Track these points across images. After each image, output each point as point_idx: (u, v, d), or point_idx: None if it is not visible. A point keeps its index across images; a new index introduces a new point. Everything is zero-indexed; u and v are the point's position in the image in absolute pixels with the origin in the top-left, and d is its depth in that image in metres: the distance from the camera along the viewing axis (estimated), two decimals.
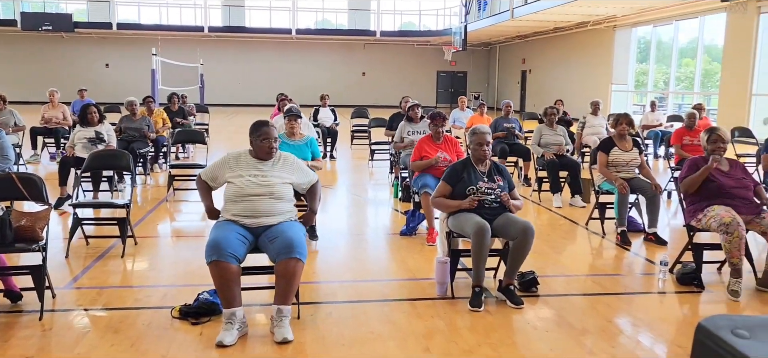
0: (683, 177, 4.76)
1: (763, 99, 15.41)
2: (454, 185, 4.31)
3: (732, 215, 4.28)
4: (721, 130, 4.76)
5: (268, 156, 3.85)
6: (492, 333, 3.63)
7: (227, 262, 3.40)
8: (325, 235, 5.78)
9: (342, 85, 30.77)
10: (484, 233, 3.98)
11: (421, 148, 5.86)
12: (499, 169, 4.44)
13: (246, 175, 3.76)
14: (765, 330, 0.87)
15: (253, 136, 3.86)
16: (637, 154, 6.09)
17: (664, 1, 16.37)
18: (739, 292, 4.26)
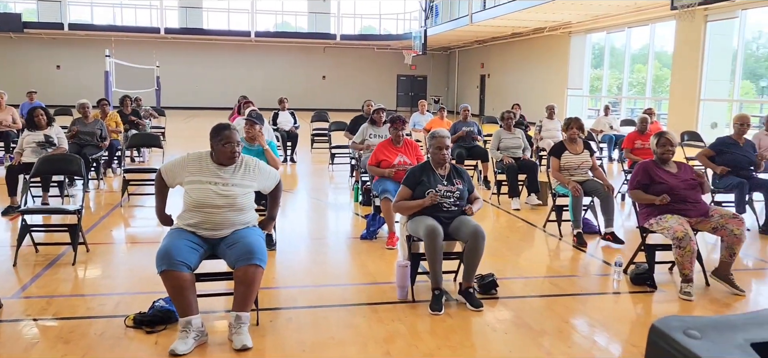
0: (633, 183, 4.86)
1: (710, 104, 15.96)
2: (414, 188, 4.32)
3: (684, 228, 4.39)
4: (670, 133, 4.90)
5: (230, 161, 3.68)
6: (452, 336, 3.65)
7: (178, 271, 3.31)
8: (285, 239, 5.72)
9: (302, 88, 30.61)
10: (435, 235, 3.99)
11: (380, 151, 5.87)
12: (458, 173, 4.47)
13: (207, 184, 3.60)
14: (716, 330, 0.89)
15: (215, 140, 3.66)
16: (588, 157, 6.22)
17: (617, 9, 16.82)
18: (691, 293, 4.39)
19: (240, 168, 3.74)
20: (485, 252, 4.16)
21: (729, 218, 4.54)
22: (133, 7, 29.40)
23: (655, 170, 4.79)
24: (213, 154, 3.71)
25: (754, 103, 17.27)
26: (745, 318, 0.94)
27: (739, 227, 4.48)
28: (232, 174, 3.69)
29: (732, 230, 4.47)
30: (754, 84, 18.45)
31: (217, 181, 3.63)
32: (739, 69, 15.37)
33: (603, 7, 16.58)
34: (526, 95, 22.92)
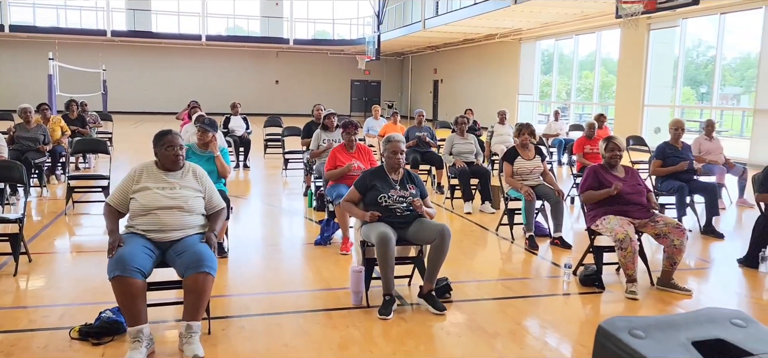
0: (584, 186, 4.99)
1: (654, 110, 16.53)
2: (365, 192, 4.33)
3: (625, 230, 4.53)
4: (617, 138, 5.05)
5: (174, 165, 3.69)
6: (407, 340, 3.66)
7: (132, 277, 3.22)
8: (238, 247, 5.64)
9: (254, 93, 30.30)
10: (387, 242, 3.99)
11: (335, 157, 5.86)
12: (411, 178, 4.48)
13: (153, 189, 3.58)
14: (659, 330, 0.92)
15: (157, 145, 3.70)
16: (539, 162, 6.35)
17: (565, 17, 17.26)
18: (636, 292, 4.52)
19: (187, 173, 3.76)
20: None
21: (672, 227, 4.67)
22: (78, 9, 28.53)
23: (603, 174, 4.92)
24: (158, 162, 3.73)
25: (695, 108, 17.97)
26: (686, 318, 0.97)
27: (680, 237, 4.62)
28: (179, 178, 3.70)
29: (673, 241, 4.62)
30: (694, 90, 19.20)
31: (164, 186, 3.62)
32: (681, 76, 15.97)
33: (551, 14, 16.98)
34: (478, 100, 23.26)
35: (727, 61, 16.52)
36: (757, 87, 13.35)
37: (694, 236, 6.60)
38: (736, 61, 17.19)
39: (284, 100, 30.98)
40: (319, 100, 11.51)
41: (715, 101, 15.49)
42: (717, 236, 6.56)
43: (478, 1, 18.03)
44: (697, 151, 8.04)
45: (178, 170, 3.72)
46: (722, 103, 17.26)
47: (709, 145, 8.20)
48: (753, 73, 14.04)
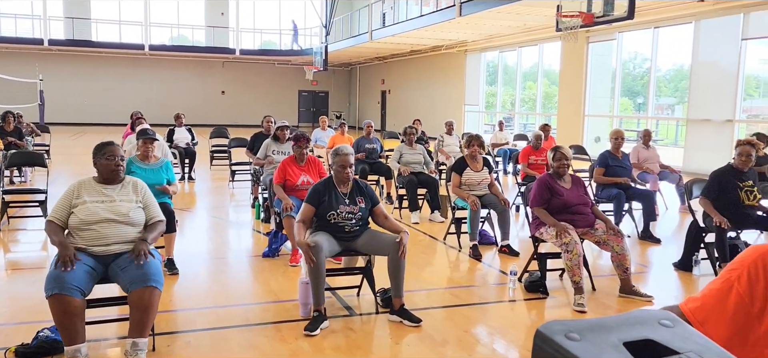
0: (536, 199, 4.99)
1: (594, 119, 17.10)
2: (318, 206, 4.29)
3: (570, 234, 4.67)
4: (565, 148, 5.16)
5: (114, 176, 3.64)
6: (356, 351, 3.67)
7: (70, 295, 3.12)
8: (184, 260, 5.52)
9: (200, 103, 29.78)
10: (317, 252, 3.94)
11: (285, 169, 5.80)
12: (361, 189, 4.46)
13: (93, 203, 3.50)
14: (593, 332, 0.97)
15: (98, 156, 3.66)
16: (487, 174, 6.46)
17: (508, 30, 17.68)
18: (584, 305, 4.57)
19: (127, 185, 3.70)
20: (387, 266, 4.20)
21: (611, 234, 4.86)
22: (13, 17, 27.43)
23: (552, 184, 5.01)
24: (97, 176, 3.68)
25: (632, 118, 18.68)
26: (619, 320, 1.02)
27: (619, 243, 4.80)
28: (118, 191, 3.65)
29: (613, 247, 4.80)
30: (631, 101, 19.97)
31: (103, 199, 3.56)
32: (618, 87, 16.59)
33: (495, 27, 17.37)
34: (425, 111, 23.52)
35: (661, 72, 17.26)
36: (689, 98, 14.00)
37: (632, 241, 6.85)
38: (670, 72, 17.99)
39: (231, 111, 30.55)
40: (266, 111, 11.42)
41: (650, 111, 16.14)
42: (654, 241, 6.83)
43: (424, 13, 18.28)
44: (636, 159, 8.38)
45: (117, 183, 3.66)
46: (658, 113, 18.01)
47: (646, 153, 8.57)
48: (685, 84, 14.71)
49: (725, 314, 1.72)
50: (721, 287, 1.77)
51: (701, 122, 13.54)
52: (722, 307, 1.74)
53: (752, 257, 1.76)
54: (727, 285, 1.75)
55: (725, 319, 1.71)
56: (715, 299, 1.76)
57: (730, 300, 1.73)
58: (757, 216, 5.49)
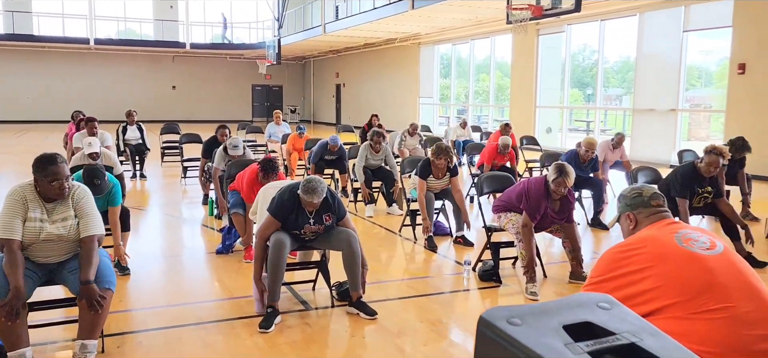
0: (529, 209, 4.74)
1: (545, 111, 17.45)
2: (284, 220, 4.07)
3: (526, 221, 4.77)
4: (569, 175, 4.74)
5: (57, 197, 3.31)
6: (312, 345, 3.67)
7: None
8: (136, 260, 5.39)
9: (150, 99, 29.08)
10: (281, 247, 3.90)
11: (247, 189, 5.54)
12: (328, 206, 4.15)
13: (36, 222, 3.25)
14: (534, 316, 1.00)
15: (39, 175, 3.25)
16: (448, 180, 6.31)
17: (461, 22, 17.84)
18: (537, 293, 4.66)
19: (72, 196, 3.39)
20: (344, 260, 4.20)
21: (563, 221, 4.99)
22: None
23: (544, 204, 4.78)
24: (37, 187, 3.31)
25: (581, 109, 19.11)
26: (559, 304, 1.06)
27: (572, 229, 4.95)
28: (61, 206, 3.35)
29: (566, 233, 4.93)
30: (581, 92, 20.44)
31: (45, 218, 3.29)
32: (568, 78, 16.96)
33: (448, 20, 17.50)
34: (380, 104, 23.55)
35: (609, 64, 17.71)
36: (635, 88, 14.43)
37: (582, 228, 7.02)
38: (617, 64, 18.46)
39: (182, 106, 29.93)
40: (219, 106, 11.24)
41: (599, 102, 16.57)
42: (603, 228, 7.02)
43: (377, 6, 18.29)
44: (603, 157, 8.50)
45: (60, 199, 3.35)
46: (606, 104, 18.48)
47: (612, 155, 8.70)
48: (632, 75, 15.14)
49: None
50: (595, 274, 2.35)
51: (646, 112, 13.98)
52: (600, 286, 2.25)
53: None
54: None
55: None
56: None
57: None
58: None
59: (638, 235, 2.33)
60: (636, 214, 2.44)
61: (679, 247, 2.15)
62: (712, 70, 15.69)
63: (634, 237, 2.32)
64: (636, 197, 2.46)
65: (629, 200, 2.47)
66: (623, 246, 2.27)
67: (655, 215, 2.41)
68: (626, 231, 2.49)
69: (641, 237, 2.28)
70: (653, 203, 2.42)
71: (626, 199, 2.49)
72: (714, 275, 2.06)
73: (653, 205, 2.42)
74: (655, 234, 2.26)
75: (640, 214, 2.43)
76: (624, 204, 2.50)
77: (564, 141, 16.88)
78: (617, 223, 2.58)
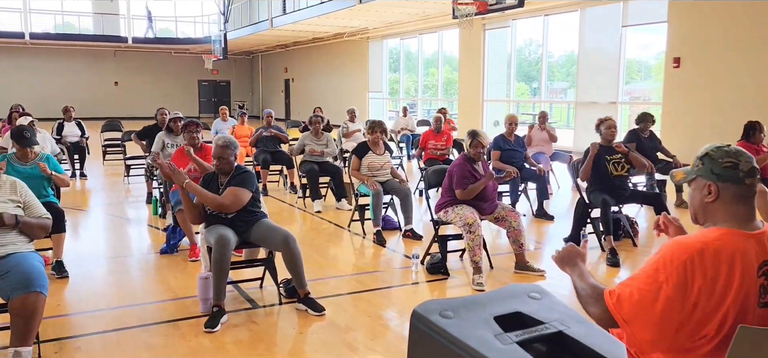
0: (460, 182, 4.99)
1: (492, 104, 17.72)
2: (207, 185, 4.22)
3: (474, 216, 4.84)
4: (483, 135, 5.11)
5: None
6: (259, 344, 3.63)
7: None
8: (76, 262, 5.22)
9: (90, 96, 28.13)
10: (226, 245, 3.87)
11: (175, 161, 5.59)
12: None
13: None
14: (466, 308, 1.02)
15: None
16: (389, 158, 6.59)
17: (408, 17, 17.93)
18: (483, 284, 4.74)
19: (4, 185, 3.43)
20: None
21: (508, 211, 5.10)
22: None
23: (471, 169, 5.06)
24: None
25: (528, 102, 19.50)
26: (491, 296, 1.08)
27: (516, 219, 5.04)
28: None
29: (510, 223, 5.02)
30: (527, 85, 20.86)
31: None
32: (514, 72, 17.27)
33: (396, 14, 17.55)
34: (330, 98, 23.47)
35: (554, 58, 18.13)
36: (577, 82, 14.81)
37: (528, 219, 7.18)
38: (562, 58, 18.92)
39: (125, 102, 29.05)
40: (164, 102, 10.99)
41: (544, 95, 16.94)
42: (548, 218, 7.19)
43: (325, 0, 18.17)
44: (529, 134, 8.83)
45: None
46: (551, 97, 18.92)
47: (538, 134, 9.02)
48: (575, 69, 15.54)
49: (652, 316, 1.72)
50: (649, 288, 1.73)
51: (588, 105, 14.36)
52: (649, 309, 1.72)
53: (681, 258, 1.73)
54: (656, 286, 1.72)
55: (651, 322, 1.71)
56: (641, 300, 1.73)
57: (658, 304, 1.72)
58: (632, 190, 6.01)
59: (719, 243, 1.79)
60: (722, 188, 1.86)
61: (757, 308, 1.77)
62: (650, 64, 16.25)
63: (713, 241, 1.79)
64: (729, 167, 1.86)
65: (720, 169, 1.87)
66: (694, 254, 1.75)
67: (744, 199, 1.86)
68: (698, 203, 1.94)
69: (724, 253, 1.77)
70: (747, 182, 1.86)
71: (715, 163, 1.88)
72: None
73: (747, 184, 1.86)
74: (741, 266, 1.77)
75: (726, 190, 1.86)
76: (709, 169, 1.89)
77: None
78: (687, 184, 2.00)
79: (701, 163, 1.92)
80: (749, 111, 10.92)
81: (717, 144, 1.92)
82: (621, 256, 5.42)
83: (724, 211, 1.86)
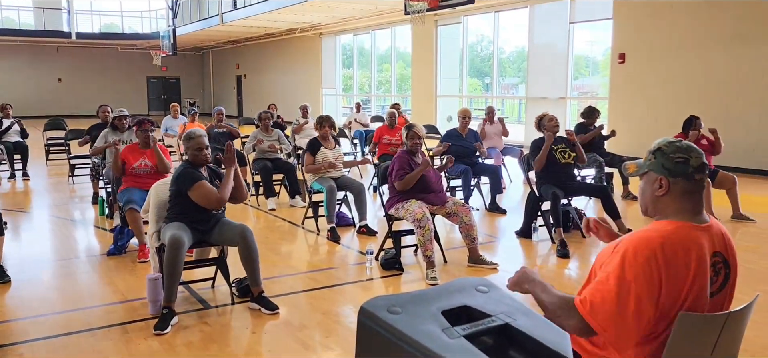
0: (399, 173, 5.09)
1: (445, 100, 17.88)
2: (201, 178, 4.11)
3: (423, 211, 4.87)
4: (418, 126, 5.34)
5: None
6: (210, 345, 3.57)
7: None
8: (18, 266, 5.03)
9: (32, 93, 27.14)
10: (179, 246, 3.80)
11: (124, 155, 5.51)
12: (217, 174, 4.33)
13: None
14: (414, 304, 1.02)
15: None
16: (341, 151, 6.60)
17: (361, 12, 17.90)
18: (437, 278, 4.76)
19: None
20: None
21: (460, 206, 5.16)
22: None
23: (410, 160, 5.18)
24: None
25: (480, 97, 19.77)
26: (439, 290, 1.09)
27: (467, 214, 5.10)
28: None
29: (462, 218, 5.08)
30: (480, 81, 21.13)
31: None
32: (466, 68, 17.46)
33: (348, 10, 17.50)
34: (283, 95, 23.24)
35: (505, 54, 18.42)
36: (528, 78, 15.08)
37: (481, 213, 7.28)
38: (512, 54, 19.23)
39: (70, 100, 28.12)
40: (111, 100, 10.69)
41: (495, 91, 17.19)
42: (500, 212, 7.31)
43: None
44: (481, 129, 8.95)
45: None
46: (503, 93, 19.22)
47: (491, 129, 9.17)
48: (526, 65, 15.81)
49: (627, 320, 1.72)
50: (619, 289, 1.73)
51: (539, 100, 14.65)
52: (624, 311, 1.72)
53: (644, 254, 1.75)
54: (625, 287, 1.72)
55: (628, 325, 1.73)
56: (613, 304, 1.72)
57: (629, 305, 1.72)
58: (581, 183, 6.15)
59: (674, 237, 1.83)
60: (673, 183, 1.90)
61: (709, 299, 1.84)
62: (597, 60, 16.68)
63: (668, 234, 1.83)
64: (680, 162, 1.89)
65: (671, 164, 1.90)
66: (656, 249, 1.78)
67: (693, 194, 1.90)
68: (649, 196, 1.97)
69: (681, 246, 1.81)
70: (697, 178, 1.89)
71: (667, 158, 1.91)
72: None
73: (697, 179, 1.89)
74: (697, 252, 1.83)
75: (676, 185, 1.89)
76: (660, 164, 1.92)
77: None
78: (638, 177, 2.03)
79: (653, 158, 1.94)
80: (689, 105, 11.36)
81: (669, 139, 1.95)
82: (570, 247, 5.55)
83: (675, 205, 1.89)
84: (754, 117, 10.29)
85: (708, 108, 10.96)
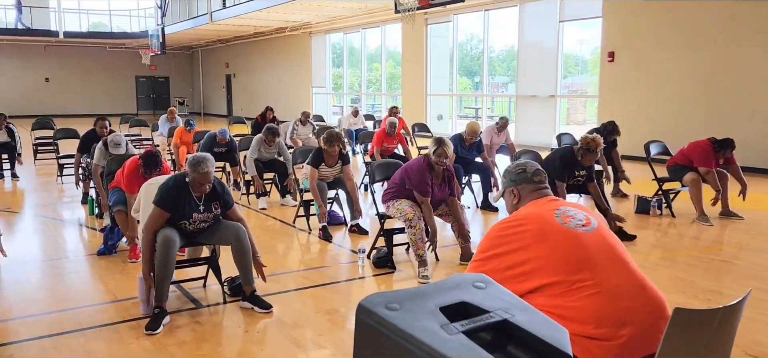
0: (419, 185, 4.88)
1: (435, 98, 17.91)
2: (173, 210, 3.91)
3: (414, 210, 4.86)
4: (448, 146, 4.94)
5: None
6: (203, 345, 3.56)
7: None
8: (6, 267, 4.99)
9: (19, 93, 26.89)
10: (170, 246, 3.76)
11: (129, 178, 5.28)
12: (216, 194, 4.10)
13: None
14: (411, 300, 1.02)
15: None
16: (340, 168, 6.37)
17: (351, 11, 17.88)
18: (428, 276, 4.78)
19: None
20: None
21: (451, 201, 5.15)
22: None
23: (427, 177, 4.92)
24: None
25: (470, 96, 19.81)
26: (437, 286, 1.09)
27: (456, 209, 5.11)
28: None
29: (455, 217, 5.09)
30: (470, 80, 21.16)
31: None
32: (456, 67, 17.49)
33: (338, 9, 17.47)
34: (273, 94, 23.17)
35: (495, 53, 18.46)
36: (517, 76, 15.13)
37: (472, 211, 7.29)
38: (502, 53, 19.27)
39: (57, 99, 27.88)
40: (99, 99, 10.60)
41: (485, 89, 17.23)
42: (492, 210, 7.33)
43: None
44: (488, 140, 8.81)
45: None
46: (493, 91, 19.26)
47: (497, 138, 9.05)
48: (515, 64, 15.86)
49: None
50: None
51: (528, 98, 14.71)
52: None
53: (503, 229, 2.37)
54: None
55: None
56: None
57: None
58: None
59: (521, 212, 2.39)
60: (520, 189, 2.49)
61: (558, 225, 2.23)
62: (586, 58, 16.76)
63: (517, 214, 2.39)
64: (520, 172, 2.51)
65: (514, 176, 2.52)
66: (506, 223, 2.33)
67: (538, 191, 2.48)
68: (510, 206, 2.55)
69: (524, 214, 2.35)
70: (536, 179, 2.49)
71: (511, 174, 2.54)
72: (589, 252, 2.17)
73: (536, 181, 2.49)
74: (537, 211, 2.33)
75: (523, 189, 2.49)
76: (509, 179, 2.55)
77: (454, 128, 17.40)
78: (503, 198, 2.62)
79: (504, 178, 2.59)
80: (678, 103, 11.44)
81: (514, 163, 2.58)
82: None
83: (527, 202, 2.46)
84: (742, 115, 10.38)
85: (696, 106, 11.05)
